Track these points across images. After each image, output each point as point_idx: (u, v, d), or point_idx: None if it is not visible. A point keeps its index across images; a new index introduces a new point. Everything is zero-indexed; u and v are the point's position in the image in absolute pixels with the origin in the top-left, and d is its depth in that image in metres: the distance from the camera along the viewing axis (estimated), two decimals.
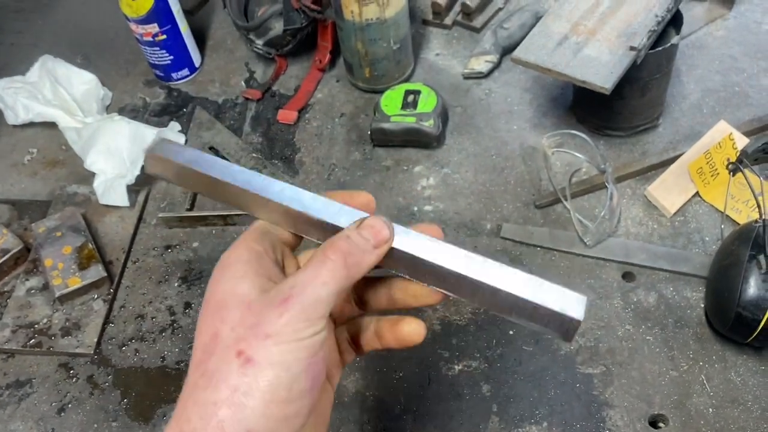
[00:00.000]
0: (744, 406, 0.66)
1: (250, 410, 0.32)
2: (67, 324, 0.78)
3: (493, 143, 0.90)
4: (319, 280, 0.35)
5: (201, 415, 0.33)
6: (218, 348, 0.34)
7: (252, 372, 0.32)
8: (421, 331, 0.42)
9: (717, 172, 0.79)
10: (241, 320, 0.34)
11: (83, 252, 0.81)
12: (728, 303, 0.64)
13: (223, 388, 0.33)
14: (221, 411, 0.32)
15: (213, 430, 0.32)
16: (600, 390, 0.68)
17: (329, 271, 0.35)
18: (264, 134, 0.95)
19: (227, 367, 0.33)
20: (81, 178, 0.92)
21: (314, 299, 0.34)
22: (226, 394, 0.32)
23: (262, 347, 0.33)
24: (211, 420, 0.32)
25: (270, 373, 0.33)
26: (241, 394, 0.32)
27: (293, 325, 0.34)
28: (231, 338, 0.34)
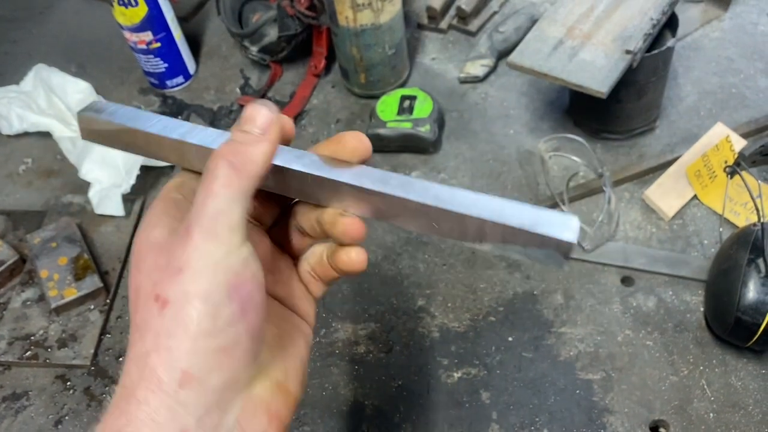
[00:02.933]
0: (745, 410, 0.65)
1: (176, 350, 0.30)
2: (63, 335, 0.77)
3: (489, 148, 0.90)
4: (211, 194, 0.32)
5: (137, 367, 0.31)
6: (140, 299, 0.32)
7: (169, 313, 0.31)
8: (357, 258, 0.38)
9: (715, 174, 0.79)
10: (155, 265, 0.32)
11: (79, 262, 0.80)
12: (728, 307, 0.64)
13: (149, 337, 0.31)
14: (151, 358, 0.31)
15: (149, 379, 0.30)
16: (600, 396, 0.68)
17: (218, 179, 0.32)
18: None
19: (149, 315, 0.31)
20: (76, 187, 0.91)
21: (213, 215, 0.31)
22: (151, 342, 0.31)
23: (175, 284, 0.31)
24: (144, 369, 0.31)
25: (188, 308, 0.31)
26: (164, 338, 0.31)
27: (200, 249, 0.31)
28: (148, 286, 0.32)
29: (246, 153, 0.33)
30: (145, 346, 0.31)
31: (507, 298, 0.76)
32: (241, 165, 0.33)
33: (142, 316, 0.32)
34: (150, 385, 0.30)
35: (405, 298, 0.77)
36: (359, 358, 0.73)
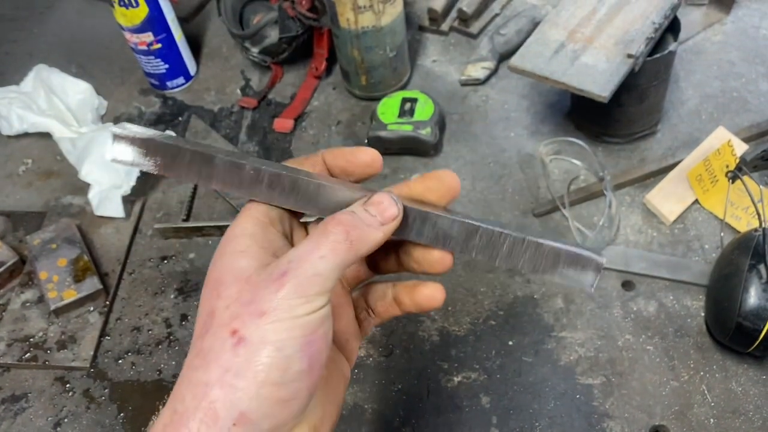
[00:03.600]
0: (745, 416, 0.65)
1: (242, 392, 0.31)
2: (62, 337, 0.77)
3: (490, 151, 0.89)
4: (318, 254, 0.33)
5: (194, 395, 0.31)
6: (213, 326, 0.32)
7: (244, 352, 0.31)
8: (438, 295, 0.40)
9: (716, 179, 0.79)
10: (237, 297, 0.32)
11: (78, 264, 0.80)
12: (729, 313, 0.64)
13: (215, 368, 0.31)
14: (213, 392, 0.31)
15: (205, 411, 0.31)
16: (600, 401, 0.68)
17: (330, 243, 0.33)
18: (260, 143, 0.95)
19: (220, 346, 0.31)
20: (76, 188, 0.91)
21: (312, 274, 0.32)
22: (217, 375, 0.31)
23: (255, 326, 0.31)
24: (203, 400, 0.31)
25: (263, 353, 0.31)
26: (233, 375, 0.31)
27: (288, 301, 0.31)
28: (226, 316, 0.32)
29: (364, 233, 0.34)
30: (209, 376, 0.31)
31: (507, 301, 0.76)
32: (356, 240, 0.34)
33: (211, 344, 0.32)
34: (206, 418, 0.31)
35: None
36: (359, 361, 0.73)
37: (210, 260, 0.35)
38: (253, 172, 0.37)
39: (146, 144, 0.37)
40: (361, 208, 0.35)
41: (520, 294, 0.76)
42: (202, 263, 0.83)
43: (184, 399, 0.32)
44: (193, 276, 0.82)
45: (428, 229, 0.37)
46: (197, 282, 0.81)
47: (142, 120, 1.01)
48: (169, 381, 0.74)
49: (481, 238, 0.37)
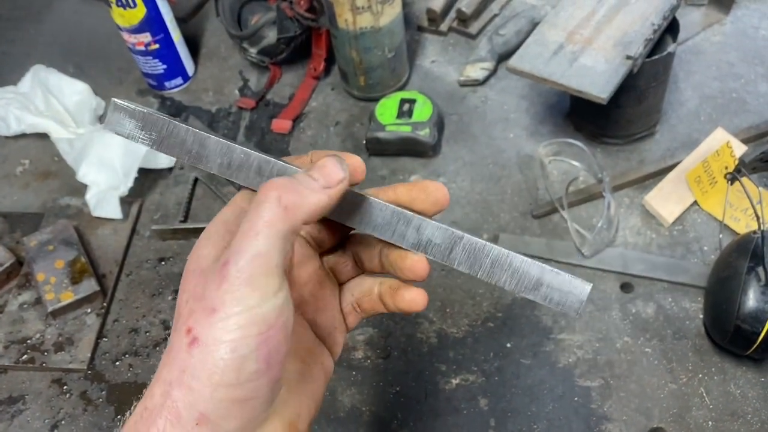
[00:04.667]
0: (744, 418, 0.65)
1: (198, 393, 0.30)
2: (60, 339, 0.77)
3: (489, 152, 0.89)
4: (253, 232, 0.30)
5: (161, 392, 0.31)
6: (176, 323, 0.32)
7: (198, 353, 0.30)
8: (419, 299, 0.39)
9: (715, 180, 0.79)
10: (193, 291, 0.31)
11: (76, 266, 0.80)
12: (727, 315, 0.64)
13: (175, 368, 0.30)
14: (174, 391, 0.30)
15: (169, 410, 0.30)
16: (598, 403, 0.67)
17: (264, 215, 0.30)
18: (258, 144, 0.94)
19: (179, 346, 0.30)
20: (73, 189, 0.91)
21: (251, 256, 0.30)
22: (176, 375, 0.30)
23: (208, 324, 0.30)
24: (167, 399, 0.30)
25: (216, 354, 0.29)
26: (189, 376, 0.30)
27: (234, 294, 0.29)
28: (185, 312, 0.31)
29: (301, 195, 0.31)
30: (171, 375, 0.31)
31: (505, 303, 0.76)
32: (291, 205, 0.31)
33: (173, 342, 0.31)
34: (170, 417, 0.30)
35: None
36: (357, 363, 0.73)
37: None
38: (243, 156, 0.37)
39: (144, 117, 0.37)
40: (303, 174, 0.33)
41: (519, 296, 0.76)
42: None
43: (153, 396, 0.31)
44: None
45: (411, 232, 0.37)
46: None
47: None
48: None
49: (464, 248, 0.37)
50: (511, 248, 0.38)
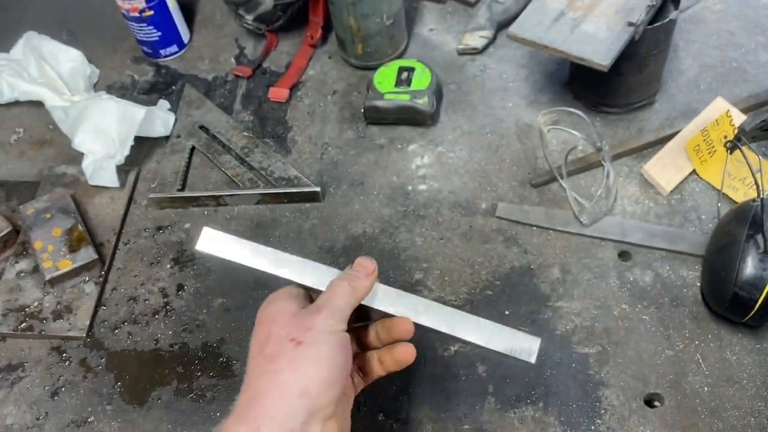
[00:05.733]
0: (739, 384, 0.66)
1: (302, 373, 0.45)
2: (58, 307, 0.77)
3: (488, 121, 0.89)
4: (337, 296, 0.50)
5: (269, 380, 0.45)
6: (272, 340, 0.47)
7: (302, 349, 0.46)
8: (411, 351, 0.55)
9: (714, 149, 0.79)
10: (290, 322, 0.48)
11: (73, 234, 0.79)
12: (725, 283, 0.64)
13: (282, 361, 0.46)
14: (283, 374, 0.45)
15: (279, 388, 0.44)
16: (596, 370, 0.68)
17: (342, 290, 0.51)
18: (255, 112, 0.94)
19: (282, 348, 0.46)
20: (69, 158, 0.90)
21: (336, 307, 0.49)
22: (285, 364, 0.45)
23: (307, 334, 0.47)
24: (275, 381, 0.45)
25: (314, 349, 0.46)
26: (298, 362, 0.45)
27: (325, 321, 0.48)
28: (283, 332, 0.47)
29: (358, 282, 0.52)
30: (278, 366, 0.45)
31: (504, 272, 0.76)
32: (355, 288, 0.51)
33: (274, 349, 0.46)
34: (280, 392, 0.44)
35: (402, 272, 0.77)
36: None
37: None
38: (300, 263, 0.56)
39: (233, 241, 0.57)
40: (352, 270, 0.52)
41: (517, 264, 0.76)
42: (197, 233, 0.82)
43: (259, 385, 0.45)
44: (188, 246, 0.82)
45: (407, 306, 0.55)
46: (193, 252, 0.81)
47: (135, 89, 0.99)
48: (166, 350, 0.74)
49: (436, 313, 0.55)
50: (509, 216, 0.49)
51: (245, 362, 0.70)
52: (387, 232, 0.80)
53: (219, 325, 0.75)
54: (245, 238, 0.57)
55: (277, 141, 0.90)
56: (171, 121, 0.92)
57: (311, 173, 0.86)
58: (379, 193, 0.84)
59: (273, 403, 0.44)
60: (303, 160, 0.88)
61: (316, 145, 0.89)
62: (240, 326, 0.75)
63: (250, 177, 0.85)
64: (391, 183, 0.84)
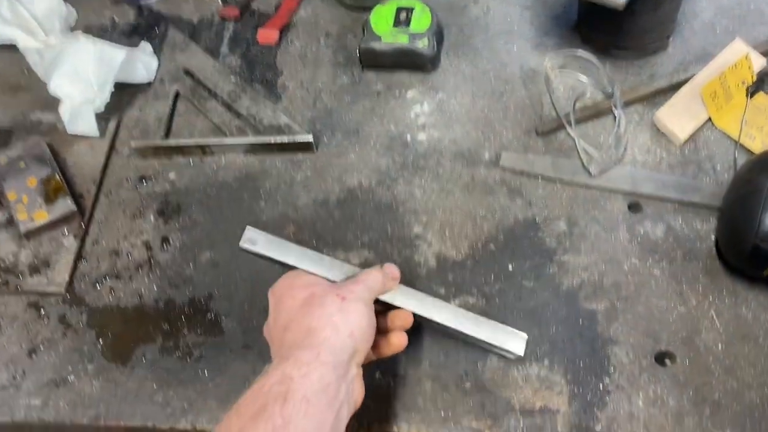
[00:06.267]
0: (755, 341, 0.63)
1: (350, 319, 0.52)
2: (35, 261, 0.72)
3: (491, 65, 0.84)
4: (372, 279, 0.57)
5: (323, 321, 0.51)
6: (318, 295, 0.54)
7: (347, 304, 0.53)
8: (405, 339, 0.58)
9: (731, 95, 0.74)
10: (330, 287, 0.56)
11: (50, 184, 0.75)
12: (744, 234, 0.60)
13: (332, 308, 0.52)
14: (335, 317, 0.52)
15: (332, 326, 0.51)
16: (604, 326, 0.65)
17: (376, 277, 0.58)
18: (243, 56, 0.88)
19: (331, 300, 0.53)
20: (46, 104, 0.85)
21: (370, 286, 0.57)
22: (335, 310, 0.52)
23: (350, 295, 0.54)
24: (329, 322, 0.51)
25: (357, 306, 0.53)
26: (345, 311, 0.52)
27: (360, 291, 0.55)
28: (327, 290, 0.55)
29: (388, 280, 0.59)
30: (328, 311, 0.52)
31: (507, 225, 0.72)
32: (385, 282, 0.59)
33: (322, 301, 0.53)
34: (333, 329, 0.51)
35: (400, 226, 0.73)
36: None
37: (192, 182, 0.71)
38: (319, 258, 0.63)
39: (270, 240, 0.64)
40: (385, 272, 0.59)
41: (521, 217, 0.72)
42: (183, 184, 0.78)
43: (311, 323, 0.51)
44: (173, 197, 0.77)
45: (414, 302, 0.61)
46: (178, 204, 0.76)
47: (115, 31, 0.93)
48: (151, 306, 0.70)
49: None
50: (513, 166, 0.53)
51: (235, 319, 0.68)
52: (384, 184, 0.76)
53: (206, 280, 0.71)
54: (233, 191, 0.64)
55: (267, 87, 0.85)
56: (154, 66, 0.86)
57: (303, 121, 0.81)
58: (375, 142, 0.79)
59: (330, 336, 0.50)
60: (294, 108, 0.83)
61: (308, 91, 0.84)
62: (229, 281, 0.71)
63: (237, 125, 0.80)
64: (389, 132, 0.80)
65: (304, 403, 0.45)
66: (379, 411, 0.62)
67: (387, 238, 0.72)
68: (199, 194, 0.77)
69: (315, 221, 0.74)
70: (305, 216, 0.74)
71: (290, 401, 0.45)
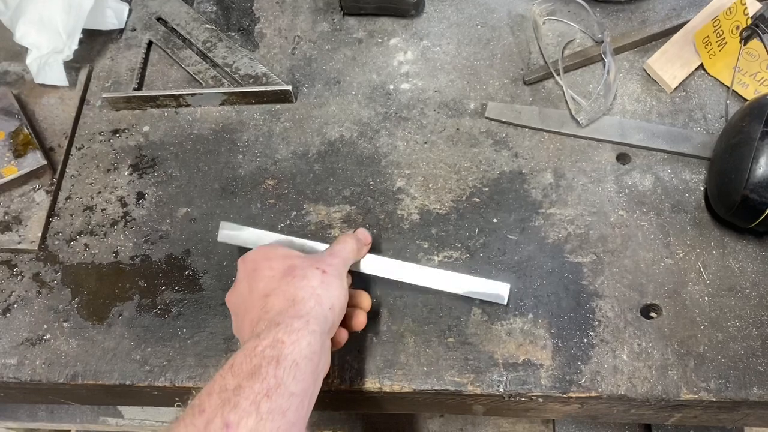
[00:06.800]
0: (741, 293, 0.62)
1: (331, 293, 0.53)
2: (6, 218, 0.70)
3: (478, 11, 0.80)
4: (347, 249, 0.59)
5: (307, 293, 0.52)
6: (300, 267, 0.54)
7: (327, 277, 0.54)
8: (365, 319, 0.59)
9: (724, 41, 0.71)
10: (308, 259, 0.56)
11: (18, 137, 0.72)
12: (734, 185, 0.59)
13: (315, 281, 0.53)
14: (318, 290, 0.53)
15: (316, 299, 0.52)
16: (590, 280, 0.64)
17: (350, 246, 0.59)
18: (218, 2, 0.84)
19: (312, 273, 0.54)
20: (12, 54, 0.81)
21: (345, 257, 0.58)
22: (317, 283, 0.53)
23: (329, 269, 0.55)
24: (313, 295, 0.52)
25: (336, 280, 0.54)
26: (327, 285, 0.53)
27: (338, 265, 0.56)
28: (307, 263, 0.55)
29: (359, 244, 0.61)
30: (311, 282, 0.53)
31: (492, 177, 0.70)
32: (359, 249, 0.61)
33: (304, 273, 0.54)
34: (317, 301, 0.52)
35: (383, 179, 0.71)
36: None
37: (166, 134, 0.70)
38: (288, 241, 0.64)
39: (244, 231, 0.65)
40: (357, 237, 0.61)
41: (507, 169, 0.70)
42: (157, 137, 0.75)
43: (296, 294, 0.52)
44: (148, 151, 0.74)
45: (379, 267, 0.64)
46: (154, 157, 0.74)
47: None
48: (127, 264, 0.68)
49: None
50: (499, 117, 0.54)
51: (213, 275, 0.66)
52: (366, 136, 0.73)
53: (183, 236, 0.69)
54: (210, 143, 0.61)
55: (243, 34, 0.81)
56: (125, 12, 0.82)
57: (281, 70, 0.78)
58: (357, 92, 0.76)
59: (315, 307, 0.51)
60: (272, 56, 0.79)
61: (287, 38, 0.81)
62: (206, 237, 0.69)
63: (213, 75, 0.77)
64: (371, 81, 0.77)
65: (294, 367, 0.47)
66: (362, 367, 0.61)
67: (369, 191, 0.70)
68: (175, 147, 0.74)
69: (295, 175, 0.72)
70: (284, 169, 0.72)
71: (282, 364, 0.47)
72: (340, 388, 0.61)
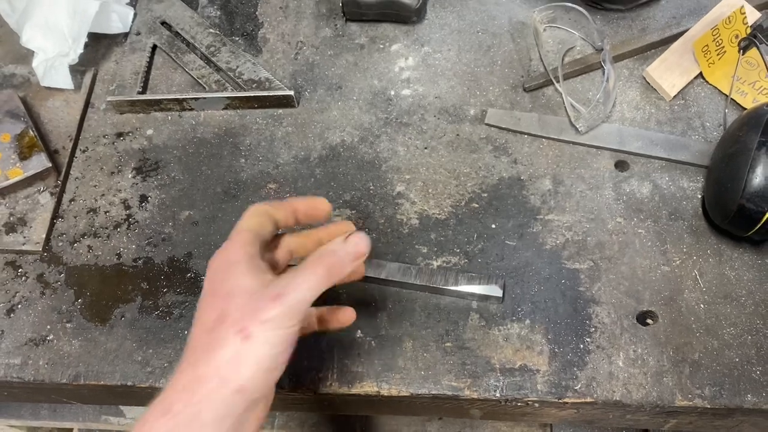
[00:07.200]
0: (737, 301, 0.62)
1: (244, 371, 0.44)
2: (11, 219, 0.71)
3: (478, 18, 0.81)
4: (306, 285, 0.46)
5: (212, 368, 0.44)
6: (225, 324, 0.44)
7: (248, 346, 0.44)
8: (353, 315, 0.56)
9: (723, 50, 0.72)
10: (245, 306, 0.45)
11: (24, 140, 0.73)
12: (731, 194, 0.59)
13: (228, 352, 0.44)
14: (224, 369, 0.44)
15: (220, 378, 0.44)
16: (587, 286, 0.64)
17: (316, 278, 0.46)
18: (222, 7, 0.85)
19: (233, 338, 0.44)
20: (19, 57, 0.82)
21: (299, 300, 0.45)
22: (230, 355, 0.44)
23: (259, 329, 0.44)
24: (218, 373, 0.44)
25: (261, 349, 0.44)
26: (241, 361, 0.44)
27: (282, 318, 0.44)
28: (236, 317, 0.44)
29: (341, 265, 0.48)
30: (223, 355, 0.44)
31: (492, 183, 0.71)
32: (334, 274, 0.47)
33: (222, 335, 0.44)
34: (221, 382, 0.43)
35: (383, 184, 0.71)
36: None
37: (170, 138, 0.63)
38: None
39: None
40: (341, 246, 0.48)
41: (506, 175, 0.71)
42: (161, 140, 0.76)
43: (198, 369, 0.44)
44: (151, 154, 0.75)
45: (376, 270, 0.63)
46: (157, 161, 0.75)
47: None
48: (129, 265, 0.69)
49: None
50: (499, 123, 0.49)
51: None
52: (367, 141, 0.74)
53: (186, 239, 0.70)
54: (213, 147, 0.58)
55: (247, 39, 0.82)
56: (129, 16, 0.83)
57: (284, 75, 0.79)
58: (358, 98, 0.77)
59: (214, 391, 0.44)
60: (275, 61, 0.80)
61: (290, 44, 0.81)
62: (208, 240, 0.70)
63: (217, 79, 0.78)
64: (372, 87, 0.78)
65: None
66: (359, 371, 0.62)
67: (369, 196, 0.71)
68: (178, 151, 0.75)
69: (296, 179, 0.72)
70: (286, 173, 0.73)
71: None
72: (339, 392, 0.61)
